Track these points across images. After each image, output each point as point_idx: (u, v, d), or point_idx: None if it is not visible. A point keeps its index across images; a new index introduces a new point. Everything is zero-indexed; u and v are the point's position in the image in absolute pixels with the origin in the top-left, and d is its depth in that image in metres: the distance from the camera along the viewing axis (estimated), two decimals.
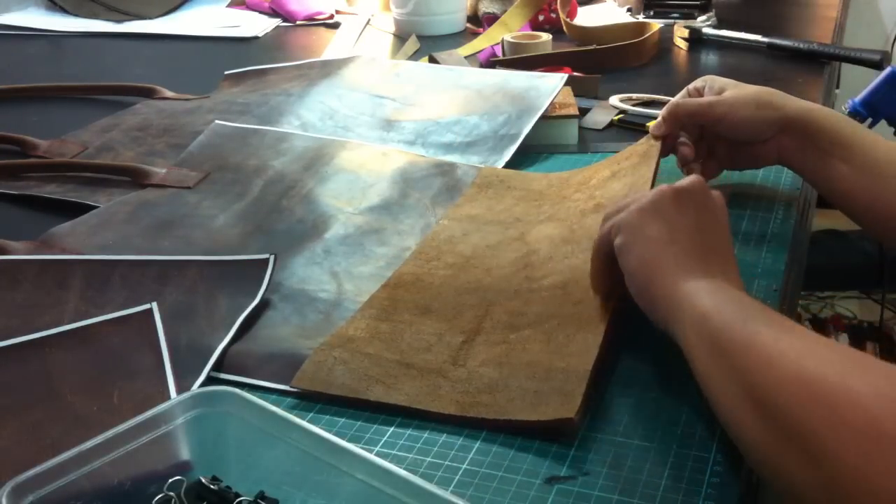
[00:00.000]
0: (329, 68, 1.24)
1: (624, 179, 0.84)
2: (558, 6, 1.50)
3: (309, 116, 1.10)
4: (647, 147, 0.85)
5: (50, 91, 1.29)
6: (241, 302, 0.73)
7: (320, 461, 0.51)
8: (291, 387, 0.64)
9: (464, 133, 1.04)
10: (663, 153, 0.85)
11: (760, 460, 0.53)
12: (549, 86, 1.09)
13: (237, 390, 0.56)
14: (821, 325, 2.02)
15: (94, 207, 0.91)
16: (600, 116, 1.12)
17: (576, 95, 1.10)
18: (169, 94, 1.23)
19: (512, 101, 1.08)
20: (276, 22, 1.68)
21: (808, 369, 0.51)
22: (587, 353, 0.64)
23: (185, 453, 0.54)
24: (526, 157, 1.00)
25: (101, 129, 1.11)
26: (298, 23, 1.68)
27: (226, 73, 1.31)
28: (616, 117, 1.11)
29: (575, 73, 1.24)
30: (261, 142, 1.02)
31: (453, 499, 0.47)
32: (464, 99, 1.11)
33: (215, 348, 0.68)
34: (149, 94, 1.24)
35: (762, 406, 0.52)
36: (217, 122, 1.07)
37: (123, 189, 0.95)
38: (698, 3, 1.56)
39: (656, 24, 1.43)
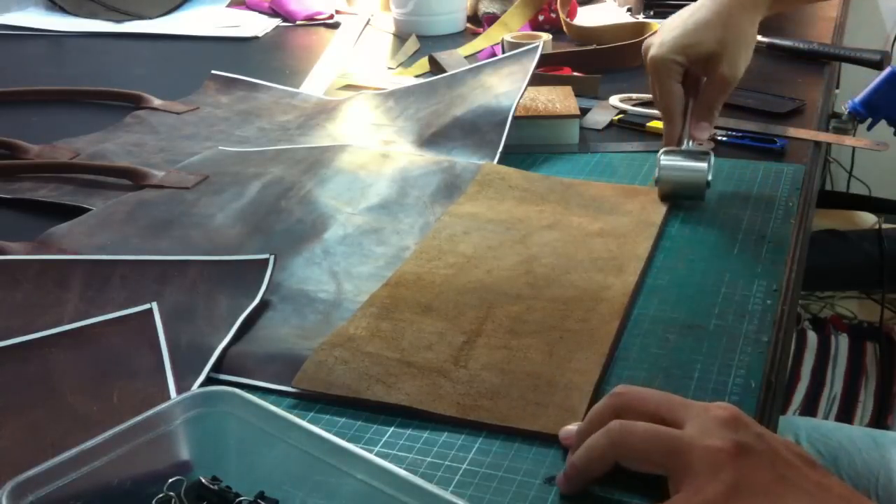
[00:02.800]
0: (324, 107, 1.19)
1: (629, 216, 0.86)
2: (558, 6, 1.51)
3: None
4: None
5: (31, 95, 1.28)
6: (240, 302, 0.73)
7: (320, 461, 0.51)
8: (292, 387, 0.64)
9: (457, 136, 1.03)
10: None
11: None
12: (527, 60, 1.09)
13: (237, 390, 0.56)
14: (821, 325, 2.02)
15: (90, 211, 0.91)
16: (600, 116, 1.12)
17: (576, 95, 1.10)
18: (157, 102, 1.22)
19: (489, 88, 1.08)
20: (276, 22, 1.68)
21: None
22: (590, 371, 0.64)
23: (185, 453, 0.54)
24: (526, 156, 1.00)
25: (92, 140, 1.10)
26: (298, 23, 1.68)
27: (212, 72, 1.30)
28: (616, 117, 1.11)
29: (575, 73, 1.24)
30: (261, 156, 1.02)
31: (453, 499, 0.47)
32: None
33: (215, 348, 0.68)
34: (135, 101, 1.22)
35: None
36: (220, 147, 1.06)
37: (121, 193, 0.95)
38: None
39: (656, 24, 1.43)
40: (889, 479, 0.96)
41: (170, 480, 0.52)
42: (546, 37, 1.30)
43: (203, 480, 0.53)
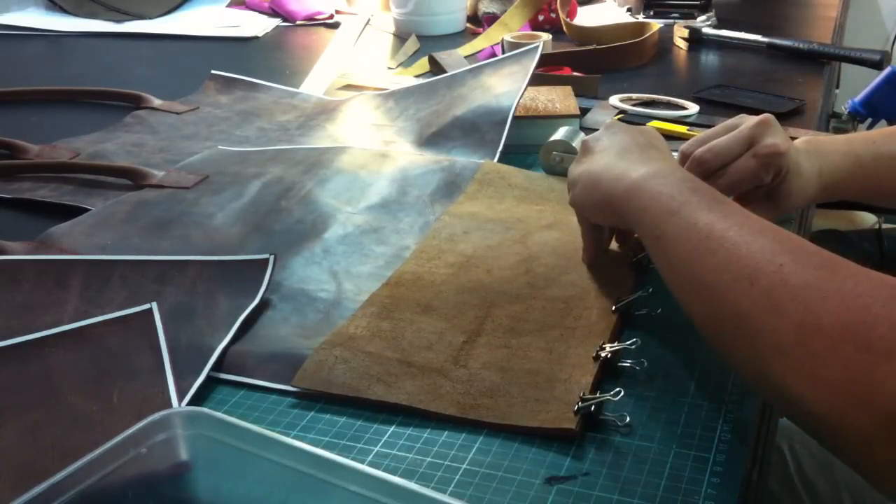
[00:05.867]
0: (324, 107, 1.19)
1: None
2: (558, 6, 1.51)
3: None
4: None
5: (31, 95, 1.28)
6: (240, 302, 0.73)
7: (307, 476, 0.49)
8: (292, 386, 0.64)
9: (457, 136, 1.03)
10: None
11: (711, 343, 0.57)
12: (527, 60, 1.09)
13: (207, 410, 0.53)
14: None
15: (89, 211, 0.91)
16: (600, 116, 1.12)
17: (576, 95, 1.10)
18: (156, 102, 1.22)
19: (489, 88, 1.08)
20: (276, 22, 1.68)
21: (745, 255, 0.53)
22: (589, 365, 0.64)
23: (158, 478, 0.51)
24: (526, 156, 1.00)
25: (92, 140, 1.10)
26: (298, 23, 1.68)
27: (212, 72, 1.30)
28: (616, 117, 1.11)
29: (575, 73, 1.24)
30: (261, 156, 1.02)
31: (450, 500, 0.46)
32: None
33: (215, 348, 0.68)
34: (135, 101, 1.22)
35: (703, 293, 0.56)
36: (220, 147, 1.06)
37: (121, 192, 0.95)
38: (698, 3, 1.56)
39: (656, 24, 1.44)
40: None
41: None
42: (546, 37, 1.30)
43: None
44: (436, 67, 1.32)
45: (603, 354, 0.65)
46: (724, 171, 0.75)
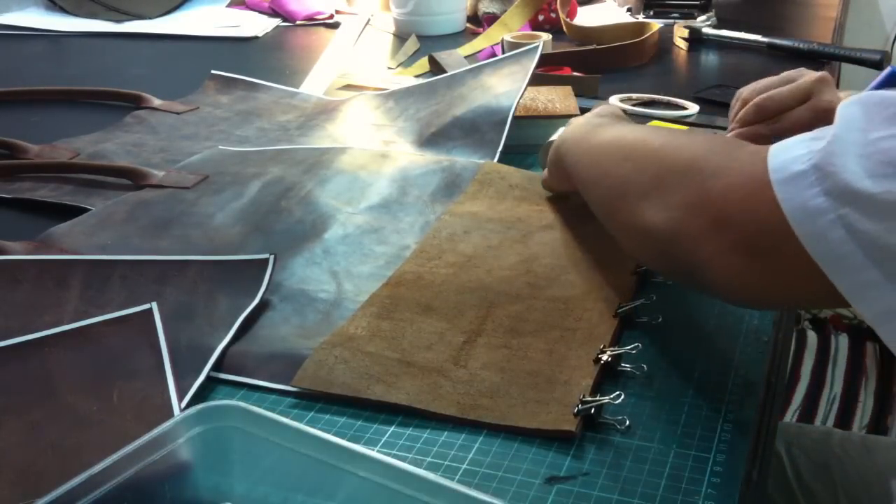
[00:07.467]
0: (324, 107, 1.19)
1: None
2: (558, 6, 1.51)
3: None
4: None
5: (31, 95, 1.28)
6: (240, 302, 0.73)
7: (334, 467, 0.50)
8: (292, 386, 0.64)
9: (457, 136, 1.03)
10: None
11: (600, 212, 0.72)
12: (527, 60, 1.09)
13: (242, 403, 0.53)
14: (821, 325, 2.02)
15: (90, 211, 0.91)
16: None
17: (576, 95, 1.10)
18: (156, 102, 1.22)
19: (489, 88, 1.08)
20: (276, 22, 1.68)
21: (628, 142, 0.68)
22: (589, 367, 0.64)
23: (190, 471, 0.52)
24: (526, 156, 1.00)
25: (92, 140, 1.10)
26: (298, 23, 1.68)
27: (212, 72, 1.30)
28: None
29: (575, 73, 1.24)
30: (261, 156, 1.02)
31: (485, 497, 0.46)
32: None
33: (215, 348, 0.68)
34: (135, 101, 1.22)
35: (599, 174, 0.70)
36: (220, 147, 1.06)
37: (121, 192, 0.95)
38: (698, 3, 1.56)
39: (656, 24, 1.44)
40: (882, 487, 0.95)
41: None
42: (546, 37, 1.30)
43: None
44: (436, 67, 1.32)
45: (604, 358, 0.65)
46: (778, 118, 0.84)
